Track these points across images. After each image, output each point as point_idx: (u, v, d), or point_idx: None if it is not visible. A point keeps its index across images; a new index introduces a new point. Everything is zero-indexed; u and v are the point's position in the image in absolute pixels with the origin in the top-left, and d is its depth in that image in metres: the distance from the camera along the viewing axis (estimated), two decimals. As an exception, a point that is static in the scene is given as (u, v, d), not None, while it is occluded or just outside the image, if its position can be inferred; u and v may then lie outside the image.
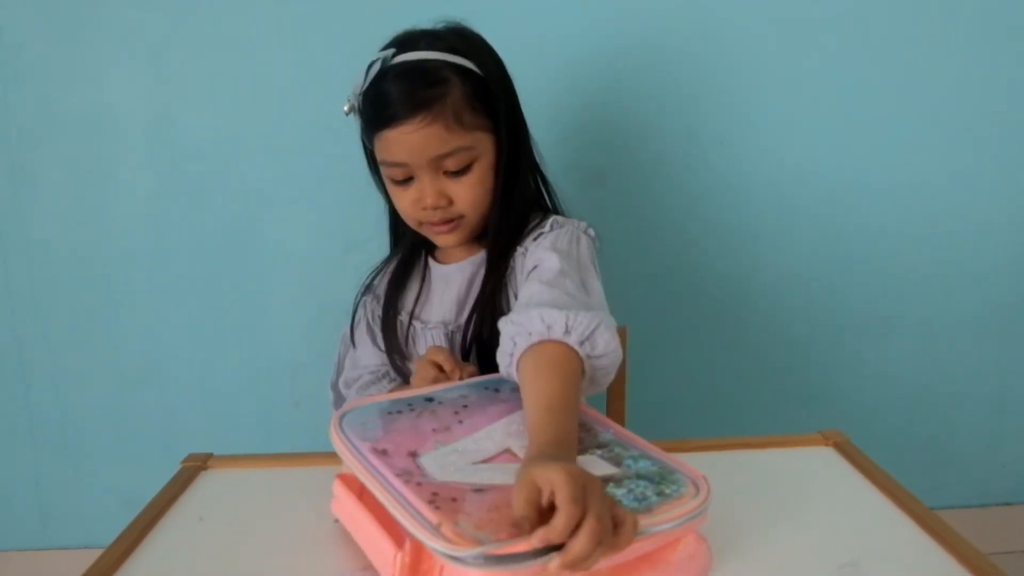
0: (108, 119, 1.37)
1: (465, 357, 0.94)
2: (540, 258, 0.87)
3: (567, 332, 0.72)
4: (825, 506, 0.74)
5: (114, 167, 1.39)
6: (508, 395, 0.76)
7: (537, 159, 1.00)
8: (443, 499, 0.57)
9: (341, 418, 0.70)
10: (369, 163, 0.99)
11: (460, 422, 0.70)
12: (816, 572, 0.63)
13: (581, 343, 0.72)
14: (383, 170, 0.93)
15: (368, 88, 0.89)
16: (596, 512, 0.51)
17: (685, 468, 0.64)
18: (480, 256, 0.97)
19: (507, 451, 0.66)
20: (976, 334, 1.54)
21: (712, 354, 1.51)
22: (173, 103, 1.38)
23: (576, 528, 0.50)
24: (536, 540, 0.50)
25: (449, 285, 0.99)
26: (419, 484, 0.59)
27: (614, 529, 0.53)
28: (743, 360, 1.52)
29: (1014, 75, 1.43)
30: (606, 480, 0.61)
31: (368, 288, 1.05)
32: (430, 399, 0.74)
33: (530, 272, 0.87)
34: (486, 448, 0.66)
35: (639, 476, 0.62)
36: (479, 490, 0.59)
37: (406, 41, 0.90)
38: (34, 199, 1.40)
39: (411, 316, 0.99)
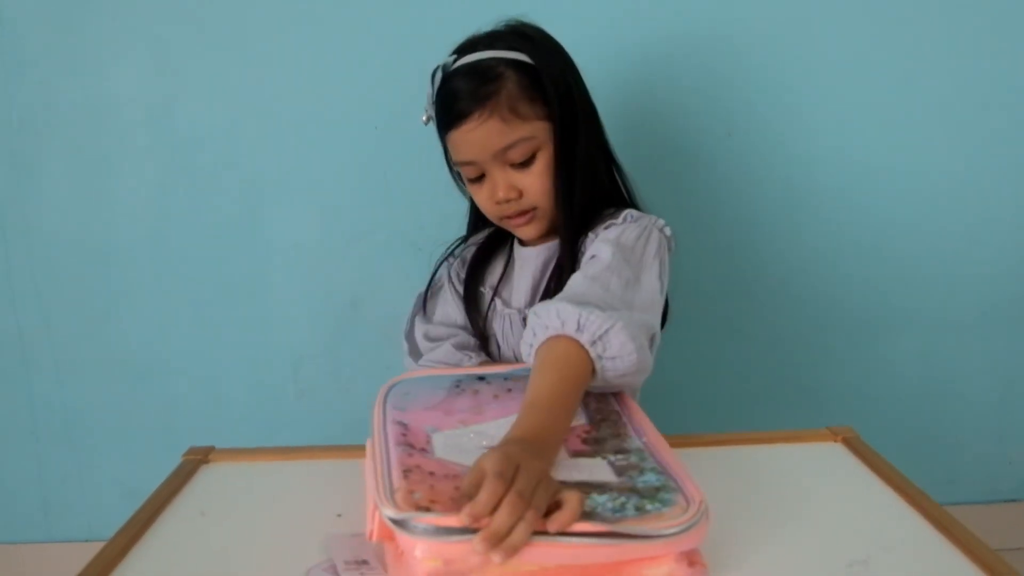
0: (111, 110, 1.36)
1: None
2: (597, 249, 0.88)
3: (579, 330, 0.72)
4: (834, 503, 0.73)
5: (117, 158, 1.38)
6: None
7: (612, 151, 1.03)
8: (421, 472, 0.59)
9: (391, 386, 0.76)
10: (450, 167, 1.03)
11: (495, 406, 0.72)
12: (825, 570, 0.62)
13: (592, 343, 0.72)
14: (459, 169, 0.98)
15: (436, 96, 0.94)
16: (519, 488, 0.53)
17: (688, 488, 0.60)
18: (555, 243, 1.00)
19: None
20: (985, 330, 1.53)
21: (719, 348, 1.50)
22: (176, 94, 1.36)
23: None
24: (463, 515, 0.52)
25: (526, 269, 1.02)
26: (410, 456, 0.62)
27: (557, 508, 0.54)
28: (750, 354, 1.51)
29: (1025, 67, 1.41)
30: (599, 486, 0.60)
31: (451, 254, 1.09)
32: (481, 378, 0.78)
33: (585, 262, 0.89)
34: (503, 434, 0.66)
35: (632, 490, 0.60)
36: (456, 476, 0.60)
37: (466, 46, 0.95)
38: (36, 190, 1.39)
39: (494, 292, 1.03)
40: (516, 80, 0.91)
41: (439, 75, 0.93)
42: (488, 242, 1.07)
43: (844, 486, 0.76)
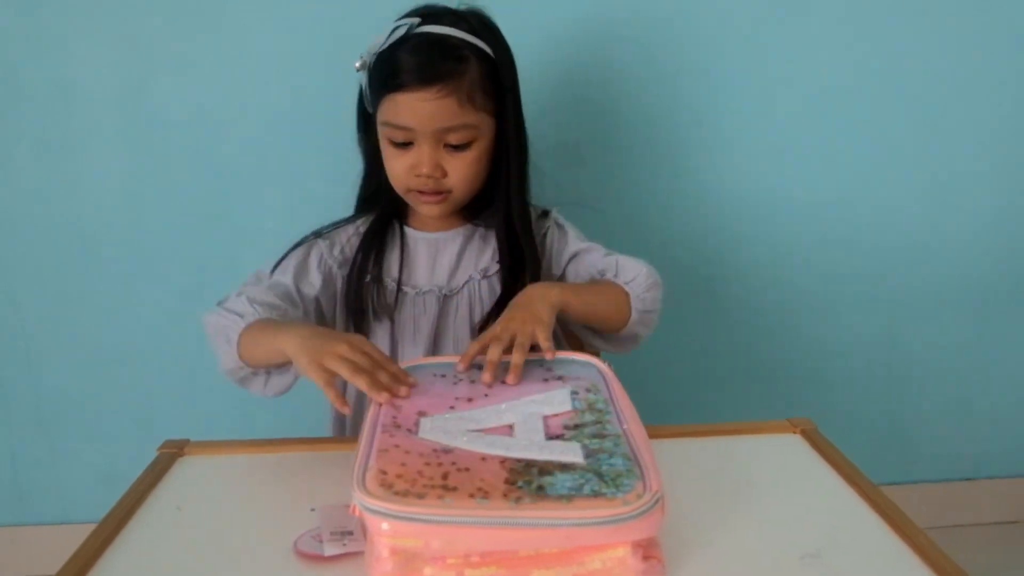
0: (77, 92, 1.34)
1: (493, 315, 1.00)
2: (580, 246, 1.05)
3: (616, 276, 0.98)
4: (789, 495, 0.76)
5: (85, 143, 1.37)
6: (552, 377, 0.80)
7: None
8: (398, 451, 0.64)
9: None
10: (360, 121, 1.03)
11: (486, 395, 0.76)
12: (779, 561, 0.65)
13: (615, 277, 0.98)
14: (384, 130, 0.95)
15: (387, 50, 0.92)
16: (504, 328, 0.82)
17: (649, 477, 0.61)
18: (467, 229, 1.04)
19: (507, 427, 0.70)
20: (946, 312, 1.57)
21: (690, 335, 1.53)
22: (145, 77, 1.35)
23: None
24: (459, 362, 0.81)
25: (441, 250, 1.04)
26: (392, 436, 0.66)
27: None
28: (713, 339, 1.54)
29: (1005, 51, 1.44)
30: (565, 466, 0.63)
31: (319, 235, 1.05)
32: (480, 367, 0.80)
33: (573, 256, 1.05)
34: (489, 420, 0.71)
35: (596, 472, 0.62)
36: (446, 451, 0.65)
37: (431, 14, 0.94)
38: (3, 175, 1.37)
39: (398, 283, 1.02)
40: (478, 68, 0.93)
41: (399, 33, 0.91)
42: (372, 234, 1.04)
43: (800, 479, 0.80)
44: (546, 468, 0.62)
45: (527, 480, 0.61)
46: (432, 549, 0.57)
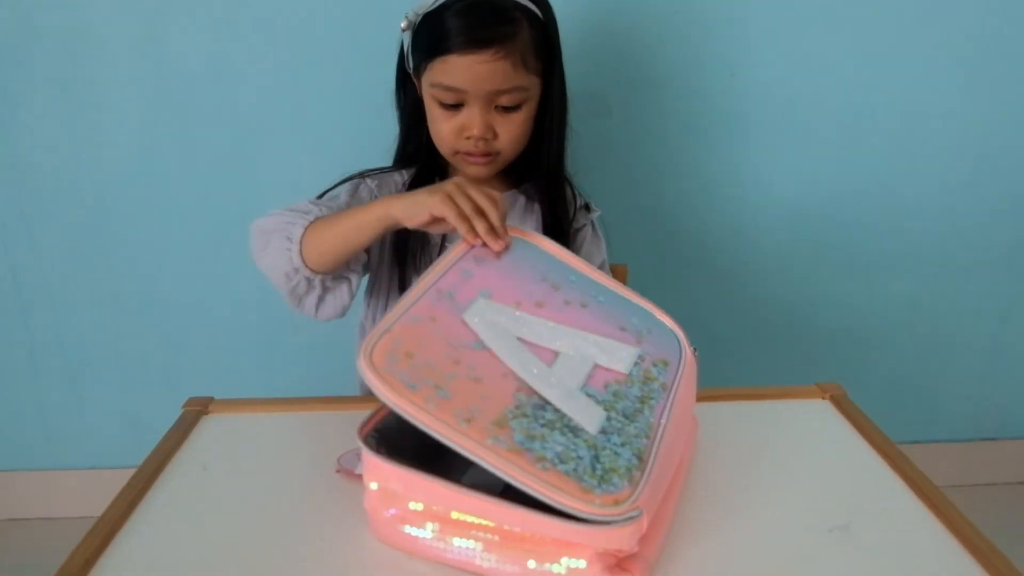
0: (92, 39, 1.31)
1: None
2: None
3: None
4: (817, 464, 0.75)
5: (102, 90, 1.34)
6: (631, 329, 0.71)
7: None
8: (429, 326, 0.62)
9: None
10: (399, 80, 1.01)
11: (558, 310, 0.70)
12: (805, 535, 0.64)
13: None
14: (432, 92, 0.93)
15: (436, 11, 0.91)
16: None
17: (644, 491, 0.54)
18: (511, 195, 1.03)
19: (553, 352, 0.65)
20: (977, 274, 1.54)
21: (712, 292, 1.51)
22: (161, 21, 1.31)
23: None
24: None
25: None
26: (435, 306, 0.65)
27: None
28: (743, 299, 1.52)
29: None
30: (572, 429, 0.57)
31: (364, 175, 1.03)
32: (575, 279, 0.74)
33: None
34: (542, 336, 0.66)
35: (594, 454, 0.56)
36: (474, 348, 0.62)
37: None
38: (19, 123, 1.35)
39: (443, 240, 1.00)
40: (528, 30, 0.92)
41: None
42: (420, 184, 0.97)
43: (828, 447, 0.78)
44: (553, 421, 0.57)
45: (523, 420, 0.56)
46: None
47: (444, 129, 0.95)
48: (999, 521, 0.86)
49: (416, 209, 0.79)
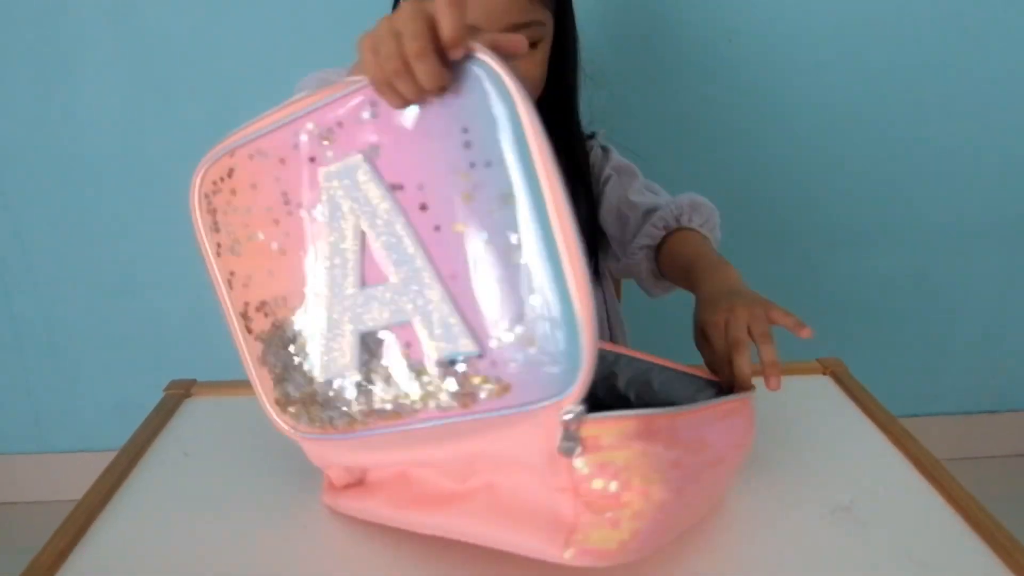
0: (67, 13, 1.27)
1: None
2: (618, 168, 0.98)
3: (679, 219, 0.90)
4: (819, 443, 0.73)
5: (78, 63, 1.30)
6: (510, 315, 0.52)
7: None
8: (272, 159, 0.52)
9: None
10: None
11: (449, 229, 0.46)
12: (807, 516, 0.62)
13: (689, 220, 0.90)
14: None
15: None
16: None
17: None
18: None
19: (386, 278, 0.49)
20: (981, 244, 1.52)
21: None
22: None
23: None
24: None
25: None
26: (289, 143, 0.51)
27: None
28: (743, 271, 1.49)
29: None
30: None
31: None
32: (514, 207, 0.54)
33: (607, 179, 0.97)
34: (390, 249, 0.48)
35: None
36: (290, 206, 0.52)
37: None
38: (-2, 101, 1.32)
39: None
40: None
41: None
42: None
43: (830, 425, 0.76)
44: (300, 363, 0.56)
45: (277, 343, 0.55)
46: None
47: None
48: (1002, 494, 0.85)
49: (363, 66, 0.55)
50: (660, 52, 1.35)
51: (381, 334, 0.50)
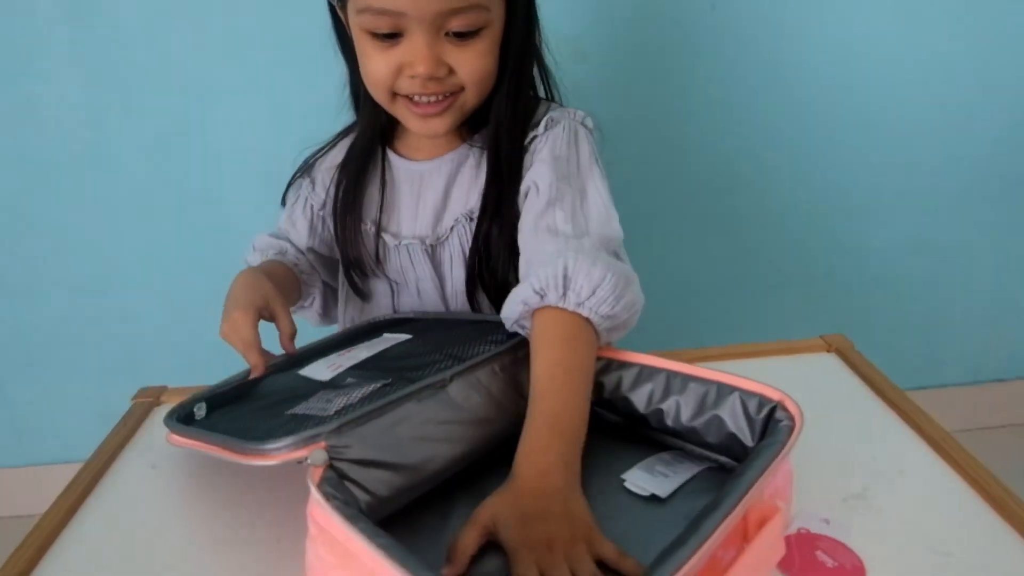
0: (20, 5, 1.21)
1: (470, 281, 0.81)
2: (536, 176, 0.75)
3: (543, 296, 0.62)
4: (828, 426, 0.68)
5: (37, 60, 1.24)
6: None
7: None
8: None
9: None
10: (335, 17, 0.80)
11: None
12: (819, 506, 0.58)
13: (562, 296, 0.62)
14: (361, 20, 0.71)
15: None
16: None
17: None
18: (457, 154, 0.82)
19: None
20: (978, 211, 1.48)
21: (705, 243, 1.44)
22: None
23: None
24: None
25: (425, 187, 0.82)
26: None
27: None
28: (737, 250, 1.46)
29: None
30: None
31: (306, 170, 0.90)
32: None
33: (526, 200, 0.75)
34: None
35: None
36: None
37: None
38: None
39: (378, 227, 0.84)
40: None
41: None
42: (355, 161, 0.85)
43: (838, 405, 0.72)
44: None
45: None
46: None
47: (378, 67, 0.73)
48: (1010, 463, 0.81)
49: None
50: (643, 24, 1.29)
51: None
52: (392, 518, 0.53)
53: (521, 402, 0.61)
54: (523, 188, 0.77)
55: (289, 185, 0.92)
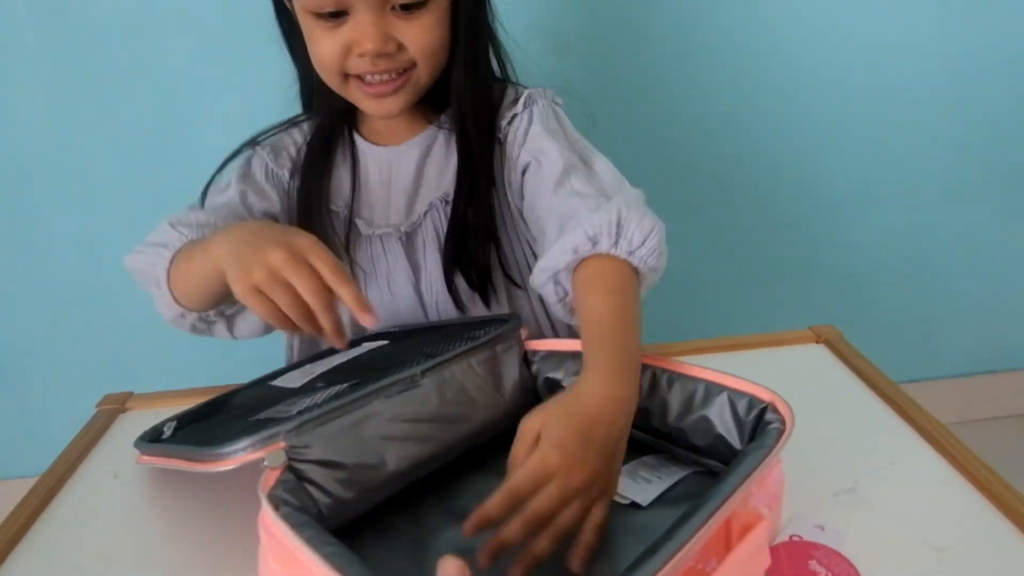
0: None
1: (448, 264, 0.77)
2: (537, 151, 0.74)
3: (595, 244, 0.62)
4: (817, 418, 0.65)
5: (5, 61, 1.21)
6: None
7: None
8: None
9: None
10: (278, 10, 0.78)
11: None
12: (809, 500, 0.56)
13: (615, 244, 0.62)
14: (305, 1, 0.70)
15: None
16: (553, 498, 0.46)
17: None
18: (425, 136, 0.80)
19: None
20: (966, 202, 1.46)
21: (694, 237, 1.42)
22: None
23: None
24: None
25: (395, 174, 0.80)
26: None
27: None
28: (725, 243, 1.44)
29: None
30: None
31: (256, 143, 0.84)
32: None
33: (523, 169, 0.75)
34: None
35: None
36: None
37: None
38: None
39: (351, 211, 0.79)
40: None
41: None
42: (320, 142, 0.81)
43: (828, 397, 0.70)
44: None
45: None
46: None
47: (325, 49, 0.71)
48: (1003, 455, 0.79)
49: (244, 298, 0.57)
50: (628, 12, 1.27)
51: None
52: (360, 521, 0.50)
53: (500, 400, 0.59)
54: (520, 163, 0.76)
55: (229, 159, 0.84)
